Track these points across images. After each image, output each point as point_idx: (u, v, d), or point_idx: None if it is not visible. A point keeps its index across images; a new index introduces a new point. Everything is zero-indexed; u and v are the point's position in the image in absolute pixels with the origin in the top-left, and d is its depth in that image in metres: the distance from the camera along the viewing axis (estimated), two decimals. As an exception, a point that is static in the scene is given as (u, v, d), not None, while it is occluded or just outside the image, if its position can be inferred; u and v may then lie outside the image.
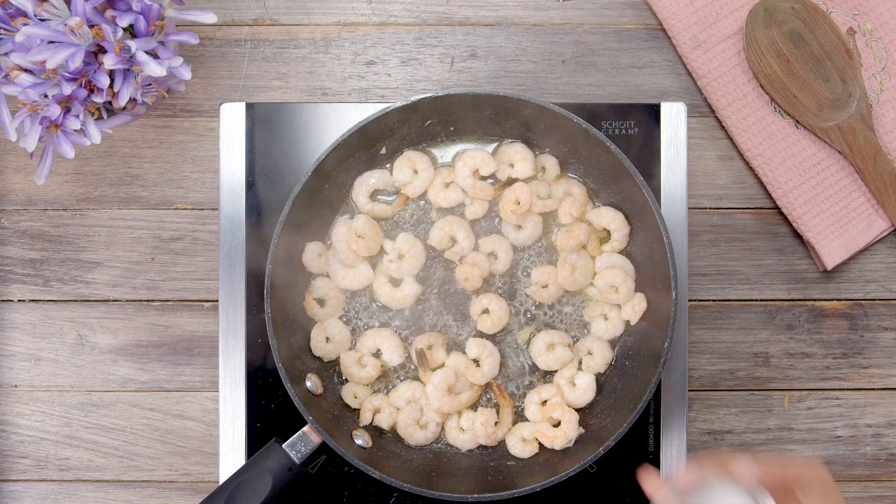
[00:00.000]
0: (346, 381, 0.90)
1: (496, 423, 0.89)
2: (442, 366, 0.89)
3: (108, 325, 0.95)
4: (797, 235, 0.96)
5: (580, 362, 0.90)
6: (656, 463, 0.91)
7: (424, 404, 0.89)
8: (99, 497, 0.95)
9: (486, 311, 0.90)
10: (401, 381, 0.90)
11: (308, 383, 0.88)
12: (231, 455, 0.91)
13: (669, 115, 0.92)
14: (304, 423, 0.83)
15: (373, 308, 0.91)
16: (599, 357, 0.89)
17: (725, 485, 0.69)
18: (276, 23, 0.96)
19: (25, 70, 0.80)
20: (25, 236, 0.96)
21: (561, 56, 0.96)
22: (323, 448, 0.83)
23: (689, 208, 0.95)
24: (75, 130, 0.82)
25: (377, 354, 0.90)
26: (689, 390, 0.95)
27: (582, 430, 0.88)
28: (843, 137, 0.92)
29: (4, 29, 0.81)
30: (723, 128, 0.96)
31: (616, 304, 0.90)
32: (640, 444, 0.91)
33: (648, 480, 0.74)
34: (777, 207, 0.95)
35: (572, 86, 0.96)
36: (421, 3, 0.96)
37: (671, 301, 0.83)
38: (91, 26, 0.79)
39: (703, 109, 0.96)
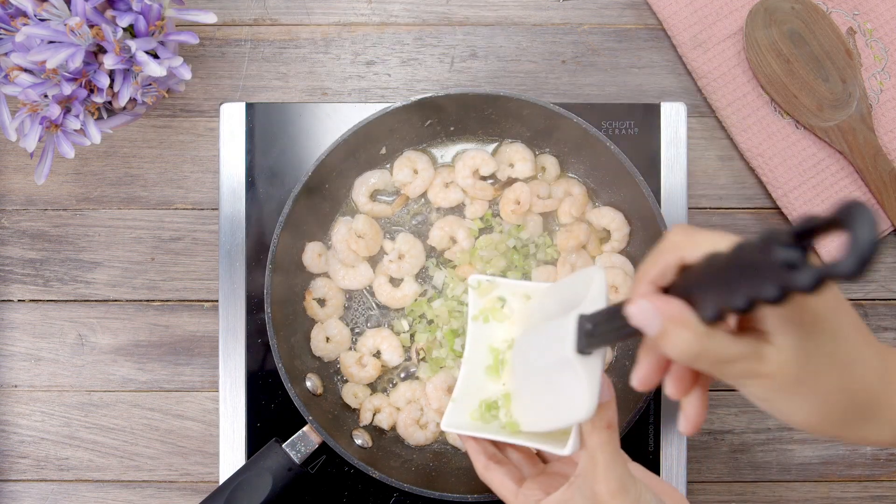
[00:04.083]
0: (346, 381, 0.90)
1: (496, 423, 0.89)
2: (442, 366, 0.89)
3: (108, 325, 0.95)
4: (797, 235, 0.96)
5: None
6: (656, 463, 0.91)
7: (424, 404, 0.89)
8: (99, 497, 0.95)
9: (486, 311, 0.90)
10: (401, 379, 0.91)
11: (308, 383, 0.88)
12: (231, 455, 0.91)
13: (669, 115, 0.92)
14: (304, 423, 0.83)
15: (373, 308, 0.91)
16: (599, 357, 0.89)
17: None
18: (276, 23, 0.96)
19: (25, 70, 0.80)
20: (25, 236, 0.96)
21: (561, 56, 0.96)
22: (323, 448, 0.83)
23: (689, 208, 0.95)
24: (75, 130, 0.82)
25: (377, 354, 0.90)
26: (689, 390, 0.95)
27: (582, 430, 0.88)
28: (843, 137, 0.92)
29: (4, 29, 0.80)
30: (723, 128, 0.96)
31: (616, 304, 0.90)
32: (640, 444, 0.91)
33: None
34: (777, 207, 0.95)
35: (572, 86, 0.96)
36: (421, 3, 0.96)
37: (671, 301, 0.83)
38: (91, 26, 0.79)
39: (703, 109, 0.96)
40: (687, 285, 0.51)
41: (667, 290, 0.52)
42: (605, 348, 0.60)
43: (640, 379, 0.55)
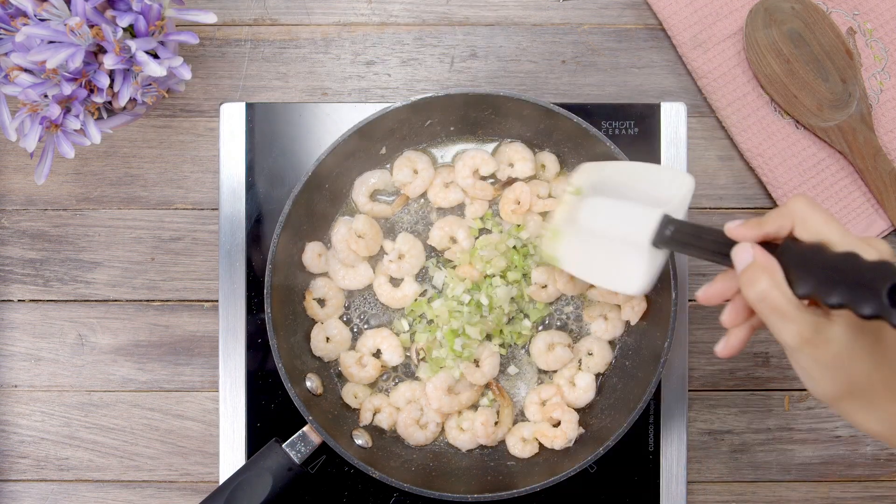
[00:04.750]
0: (347, 381, 0.90)
1: (496, 423, 0.89)
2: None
3: (108, 325, 0.95)
4: (797, 235, 0.96)
5: (580, 362, 0.90)
6: (656, 463, 0.91)
7: (424, 404, 0.89)
8: (99, 497, 0.95)
9: (486, 311, 0.90)
10: (401, 380, 0.91)
11: (308, 383, 0.88)
12: (231, 455, 0.91)
13: (669, 115, 0.92)
14: (304, 423, 0.83)
15: (373, 308, 0.91)
16: (599, 357, 0.89)
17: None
18: (276, 23, 0.96)
19: (25, 70, 0.80)
20: (25, 236, 0.96)
21: (561, 56, 0.96)
22: (323, 448, 0.83)
23: (689, 208, 0.95)
24: (75, 130, 0.82)
25: (377, 354, 0.90)
26: (689, 390, 0.95)
27: (582, 430, 0.88)
28: (843, 137, 0.92)
29: (4, 29, 0.81)
30: (723, 128, 0.96)
31: (616, 305, 0.90)
32: (640, 444, 0.91)
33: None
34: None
35: (572, 86, 0.96)
36: (421, 3, 0.96)
37: (671, 301, 0.83)
38: (91, 26, 0.79)
39: (703, 109, 0.96)
40: (789, 255, 0.60)
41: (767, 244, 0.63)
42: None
43: (706, 293, 0.67)
